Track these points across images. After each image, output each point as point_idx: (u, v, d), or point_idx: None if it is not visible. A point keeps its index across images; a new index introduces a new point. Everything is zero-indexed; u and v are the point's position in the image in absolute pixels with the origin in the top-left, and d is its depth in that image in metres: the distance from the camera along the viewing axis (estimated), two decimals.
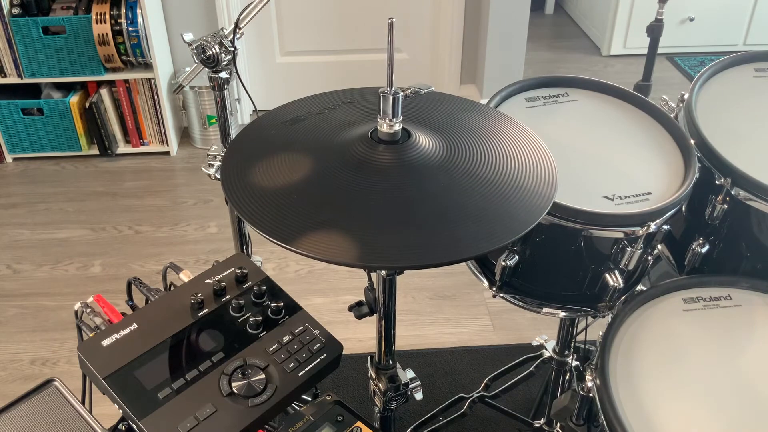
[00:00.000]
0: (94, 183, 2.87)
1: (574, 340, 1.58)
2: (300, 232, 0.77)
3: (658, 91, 1.67)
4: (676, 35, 3.84)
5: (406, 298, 2.26)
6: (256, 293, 0.97)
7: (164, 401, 0.82)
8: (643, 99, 1.34)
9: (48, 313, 2.21)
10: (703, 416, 0.95)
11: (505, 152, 0.91)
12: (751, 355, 1.04)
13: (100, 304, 1.00)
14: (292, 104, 1.02)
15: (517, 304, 1.28)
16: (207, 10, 2.99)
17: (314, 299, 2.25)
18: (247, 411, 0.84)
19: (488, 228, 0.79)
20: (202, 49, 1.30)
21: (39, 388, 0.91)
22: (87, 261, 2.43)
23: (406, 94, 0.88)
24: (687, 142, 1.23)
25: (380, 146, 0.87)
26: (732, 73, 1.42)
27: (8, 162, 2.99)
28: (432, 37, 3.20)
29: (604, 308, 1.21)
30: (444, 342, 2.09)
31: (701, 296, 1.14)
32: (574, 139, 1.27)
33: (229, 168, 0.88)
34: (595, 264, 1.17)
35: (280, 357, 0.90)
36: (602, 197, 1.13)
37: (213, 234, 2.57)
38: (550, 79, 1.39)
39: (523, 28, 3.11)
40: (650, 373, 1.01)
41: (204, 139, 3.08)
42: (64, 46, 2.71)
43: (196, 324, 0.92)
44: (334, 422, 0.89)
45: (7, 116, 2.86)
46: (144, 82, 2.88)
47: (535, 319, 2.15)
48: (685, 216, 1.34)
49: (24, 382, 1.97)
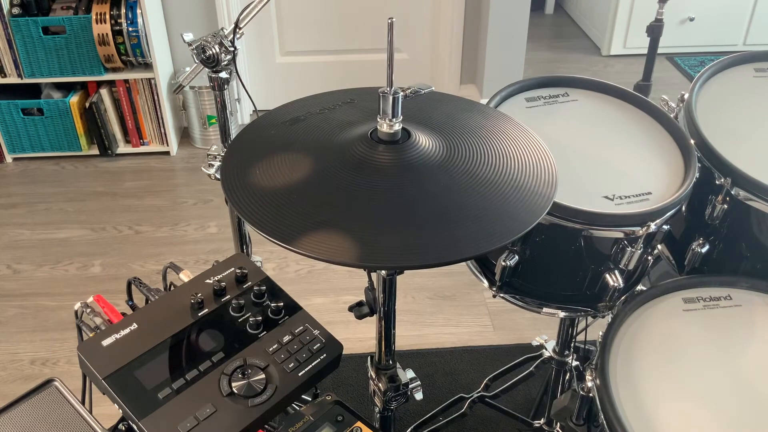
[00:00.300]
0: (94, 183, 2.87)
1: (574, 340, 1.58)
2: (300, 232, 0.77)
3: (658, 91, 1.67)
4: (676, 35, 3.84)
5: (406, 298, 2.26)
6: (256, 293, 0.97)
7: (164, 401, 0.82)
8: (643, 99, 1.34)
9: (48, 313, 2.21)
10: (703, 416, 0.95)
11: (505, 152, 0.91)
12: (751, 355, 1.04)
13: (100, 304, 1.00)
14: (292, 104, 1.02)
15: (517, 304, 1.28)
16: (207, 10, 2.99)
17: (314, 299, 2.25)
18: (247, 411, 0.84)
19: (488, 228, 0.79)
20: (202, 49, 1.30)
21: (39, 388, 0.91)
22: (87, 261, 2.43)
23: (406, 94, 0.88)
24: (687, 142, 1.23)
25: (380, 146, 0.87)
26: (732, 73, 1.42)
27: (8, 162, 2.99)
28: (432, 37, 3.20)
29: (604, 308, 1.21)
30: (444, 342, 2.09)
31: (701, 296, 1.14)
32: (574, 139, 1.27)
33: (229, 168, 0.88)
34: (595, 264, 1.17)
35: (280, 357, 0.90)
36: (602, 197, 1.13)
37: (213, 234, 2.57)
38: (550, 79, 1.39)
39: (523, 28, 3.11)
40: (650, 373, 1.01)
41: (204, 139, 3.08)
42: (64, 46, 2.71)
43: (196, 324, 0.92)
44: (334, 422, 0.89)
45: (7, 116, 2.86)
46: (144, 82, 2.88)
47: (535, 319, 2.15)
48: (685, 216, 1.34)
49: (24, 382, 1.97)
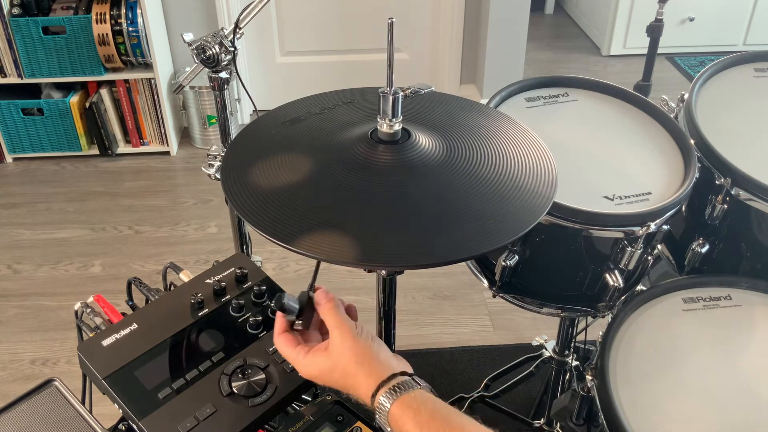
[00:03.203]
0: (94, 183, 2.87)
1: (574, 340, 1.58)
2: (300, 232, 0.77)
3: (658, 91, 1.67)
4: (676, 35, 3.84)
5: (406, 298, 2.26)
6: (256, 293, 0.97)
7: (164, 401, 0.82)
8: (643, 99, 1.34)
9: (48, 313, 2.21)
10: (703, 416, 0.96)
11: (505, 152, 0.91)
12: (751, 355, 1.04)
13: (100, 304, 1.00)
14: (292, 104, 1.02)
15: (517, 304, 1.28)
16: (207, 10, 2.99)
17: None
18: (247, 411, 0.84)
19: (488, 228, 0.79)
20: (202, 49, 1.30)
21: (39, 388, 0.91)
22: (87, 261, 2.43)
23: (406, 94, 0.88)
24: (687, 142, 1.23)
25: (380, 146, 0.87)
26: (732, 73, 1.42)
27: (8, 162, 2.99)
28: (432, 37, 3.20)
29: (604, 308, 1.21)
30: (444, 342, 2.09)
31: (701, 296, 1.14)
32: (574, 139, 1.27)
33: (229, 168, 0.88)
34: (595, 264, 1.17)
35: (280, 357, 0.90)
36: (602, 197, 1.13)
37: (213, 234, 2.57)
38: (550, 79, 1.39)
39: (523, 28, 3.11)
40: (650, 373, 1.01)
41: (204, 139, 3.08)
42: (64, 46, 2.71)
43: (196, 324, 0.92)
44: (334, 422, 0.89)
45: (7, 116, 2.86)
46: (144, 82, 2.88)
47: (535, 319, 2.15)
48: (685, 216, 1.34)
49: (24, 382, 1.97)
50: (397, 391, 0.73)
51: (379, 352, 0.77)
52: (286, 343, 0.81)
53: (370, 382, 0.75)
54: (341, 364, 0.76)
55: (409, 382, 0.74)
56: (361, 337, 0.77)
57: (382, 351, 0.78)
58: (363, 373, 0.75)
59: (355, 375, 0.76)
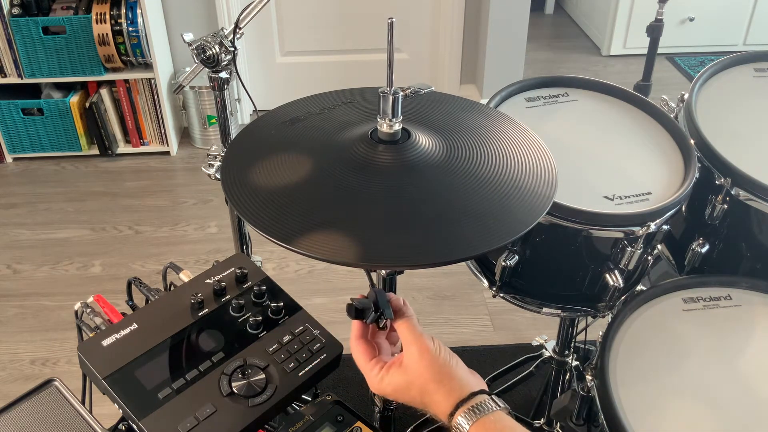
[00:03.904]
0: (94, 183, 2.87)
1: (574, 340, 1.58)
2: (300, 232, 0.77)
3: (658, 91, 1.67)
4: (676, 35, 3.84)
5: (406, 298, 2.25)
6: (256, 293, 0.97)
7: (164, 401, 0.82)
8: (643, 99, 1.34)
9: (48, 313, 2.21)
10: (703, 416, 0.96)
11: (505, 152, 0.91)
12: (751, 355, 1.04)
13: (100, 304, 1.00)
14: (292, 104, 1.02)
15: (517, 304, 1.28)
16: (207, 10, 2.99)
17: (314, 299, 2.25)
18: (247, 411, 0.84)
19: (488, 228, 0.79)
20: (202, 49, 1.30)
21: (39, 388, 0.91)
22: (87, 261, 2.43)
23: (406, 94, 0.88)
24: (687, 142, 1.23)
25: (380, 146, 0.87)
26: (732, 73, 1.42)
27: (8, 162, 2.99)
28: (432, 37, 3.20)
29: (604, 308, 1.21)
30: (444, 342, 2.07)
31: (701, 296, 1.14)
32: (574, 139, 1.27)
33: (229, 168, 0.88)
34: (595, 264, 1.17)
35: (280, 357, 0.90)
36: (602, 197, 1.13)
37: (213, 234, 2.57)
38: (550, 79, 1.39)
39: (523, 28, 3.11)
40: (650, 373, 1.01)
41: (204, 139, 3.08)
42: (64, 46, 2.71)
43: (196, 324, 0.92)
44: (334, 422, 0.89)
45: (7, 116, 2.86)
46: (144, 82, 2.88)
47: (535, 319, 2.15)
48: (685, 216, 1.34)
49: (24, 382, 1.97)
50: (477, 412, 0.71)
51: (457, 369, 0.75)
52: (363, 352, 0.80)
53: (449, 401, 0.72)
54: (419, 382, 0.75)
55: (488, 403, 0.71)
56: (440, 355, 0.76)
57: (459, 368, 0.76)
58: (442, 392, 0.73)
59: (432, 393, 0.74)
